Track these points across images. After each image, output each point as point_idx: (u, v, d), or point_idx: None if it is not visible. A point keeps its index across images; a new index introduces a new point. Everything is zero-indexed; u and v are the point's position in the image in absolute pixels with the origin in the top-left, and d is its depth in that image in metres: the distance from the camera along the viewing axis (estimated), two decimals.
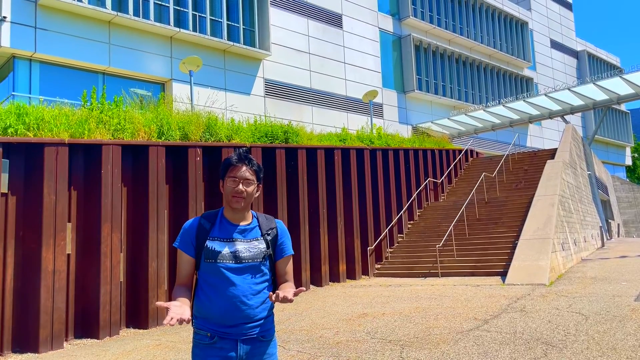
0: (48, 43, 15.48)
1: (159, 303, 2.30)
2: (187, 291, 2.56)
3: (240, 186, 2.54)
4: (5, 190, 7.78)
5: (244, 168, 2.57)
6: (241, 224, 2.60)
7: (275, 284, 2.68)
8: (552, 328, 6.77)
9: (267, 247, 2.60)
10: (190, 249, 2.57)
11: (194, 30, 18.50)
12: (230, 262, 2.51)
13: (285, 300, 2.36)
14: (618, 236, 30.43)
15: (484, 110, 25.55)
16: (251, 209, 2.70)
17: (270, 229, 2.65)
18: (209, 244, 2.53)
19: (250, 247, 2.56)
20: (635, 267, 12.76)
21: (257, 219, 2.67)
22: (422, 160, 18.61)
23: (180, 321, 2.26)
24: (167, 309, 2.30)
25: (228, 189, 2.56)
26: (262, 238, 2.60)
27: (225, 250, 2.52)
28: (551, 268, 11.46)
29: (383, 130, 19.15)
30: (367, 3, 26.07)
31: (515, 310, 8.11)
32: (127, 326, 8.98)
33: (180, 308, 2.34)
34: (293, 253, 2.75)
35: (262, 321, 2.55)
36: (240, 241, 2.56)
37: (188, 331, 7.89)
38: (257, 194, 2.66)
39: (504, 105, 25.10)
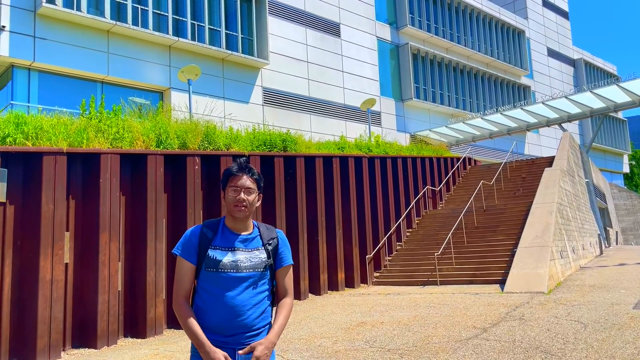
0: (47, 52, 15.52)
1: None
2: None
3: (242, 195, 2.56)
4: (3, 199, 7.77)
5: (245, 177, 2.59)
6: (243, 233, 2.61)
7: (275, 294, 2.68)
8: (550, 336, 6.77)
9: (268, 257, 2.61)
10: (192, 256, 2.56)
11: (193, 39, 18.57)
12: (231, 271, 2.51)
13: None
14: (616, 244, 30.43)
15: (482, 118, 25.63)
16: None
17: (271, 239, 2.66)
18: (211, 252, 2.53)
19: (252, 257, 2.56)
20: (634, 274, 12.76)
21: (258, 228, 2.68)
22: (420, 168, 18.64)
23: None
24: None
25: (230, 198, 2.57)
26: (263, 248, 2.61)
27: (227, 259, 2.52)
28: (550, 276, 11.47)
29: (381, 138, 19.21)
30: (365, 12, 26.21)
31: (514, 319, 8.10)
32: (125, 335, 8.94)
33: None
34: (292, 263, 2.75)
35: (260, 331, 2.55)
36: (242, 251, 2.56)
37: (186, 340, 7.86)
38: (258, 203, 2.67)
39: (501, 113, 25.19)
